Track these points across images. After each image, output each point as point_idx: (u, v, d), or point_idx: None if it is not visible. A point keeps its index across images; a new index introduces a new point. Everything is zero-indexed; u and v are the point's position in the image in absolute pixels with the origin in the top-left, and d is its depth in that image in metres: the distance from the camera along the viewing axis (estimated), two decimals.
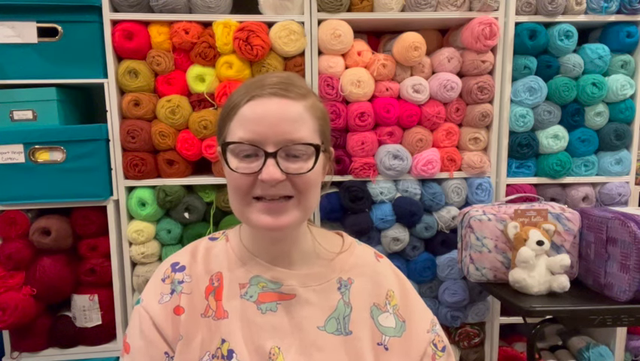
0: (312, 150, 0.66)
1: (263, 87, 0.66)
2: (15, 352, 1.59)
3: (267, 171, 0.63)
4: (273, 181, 0.64)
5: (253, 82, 0.68)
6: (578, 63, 1.60)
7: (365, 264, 0.79)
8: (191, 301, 0.71)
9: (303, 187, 0.66)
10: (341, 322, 0.72)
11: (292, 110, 0.65)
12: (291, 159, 0.65)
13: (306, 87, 0.69)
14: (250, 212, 0.67)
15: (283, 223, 0.66)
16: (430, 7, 1.56)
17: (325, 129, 0.71)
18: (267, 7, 1.53)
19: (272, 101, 0.65)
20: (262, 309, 0.70)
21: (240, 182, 0.66)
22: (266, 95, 0.65)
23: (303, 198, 0.67)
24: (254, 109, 0.65)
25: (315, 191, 0.70)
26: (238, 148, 0.65)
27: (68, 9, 1.47)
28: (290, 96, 0.66)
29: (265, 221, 0.66)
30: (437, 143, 1.66)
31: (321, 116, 0.70)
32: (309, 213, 0.70)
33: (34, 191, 1.50)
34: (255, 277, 0.72)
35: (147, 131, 1.53)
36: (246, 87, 0.68)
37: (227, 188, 0.70)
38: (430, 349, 0.74)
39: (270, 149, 0.64)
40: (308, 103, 0.68)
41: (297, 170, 0.65)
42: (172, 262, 0.75)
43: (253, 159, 0.65)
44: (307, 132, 0.66)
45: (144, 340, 0.69)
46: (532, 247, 1.33)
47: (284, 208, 0.66)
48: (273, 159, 0.64)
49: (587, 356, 1.75)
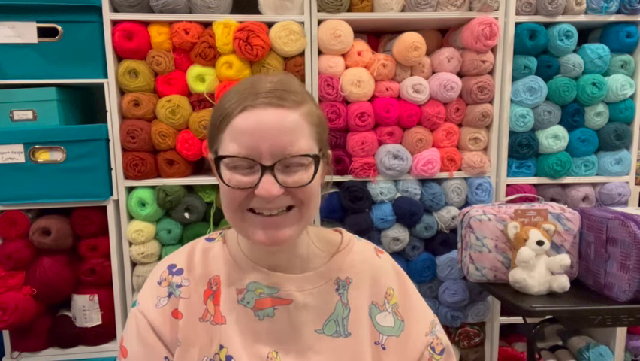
0: (311, 161, 0.63)
1: (256, 96, 0.61)
2: (15, 352, 1.59)
3: (263, 187, 0.60)
4: (270, 197, 0.60)
5: (245, 88, 0.63)
6: (578, 63, 1.60)
7: (364, 261, 0.77)
8: (189, 305, 0.69)
9: (304, 198, 0.64)
10: (340, 324, 0.71)
11: (288, 121, 0.61)
12: (289, 172, 0.62)
13: (301, 92, 0.65)
14: (246, 226, 0.65)
15: (281, 238, 0.64)
16: (430, 7, 1.56)
17: (322, 135, 0.68)
18: (267, 7, 1.53)
19: (267, 112, 0.60)
20: (259, 315, 0.69)
21: (234, 196, 0.63)
22: (260, 105, 0.61)
23: (304, 208, 0.65)
24: (247, 121, 0.60)
25: (317, 199, 0.67)
26: (232, 162, 0.62)
27: (68, 9, 1.47)
28: (285, 105, 0.61)
29: (262, 237, 0.64)
30: (437, 143, 1.66)
31: (317, 122, 0.66)
32: (309, 222, 0.68)
33: (34, 191, 1.50)
34: (252, 283, 0.71)
35: (147, 132, 1.53)
36: (238, 94, 0.63)
37: (221, 199, 0.67)
38: (427, 353, 0.74)
39: (266, 162, 0.60)
40: (304, 110, 0.64)
41: (296, 183, 0.62)
42: (168, 264, 0.74)
43: (248, 172, 0.62)
44: (305, 142, 0.62)
45: (142, 344, 0.68)
46: (532, 247, 1.33)
47: (282, 223, 0.63)
48: (270, 173, 0.60)
49: (587, 356, 1.75)
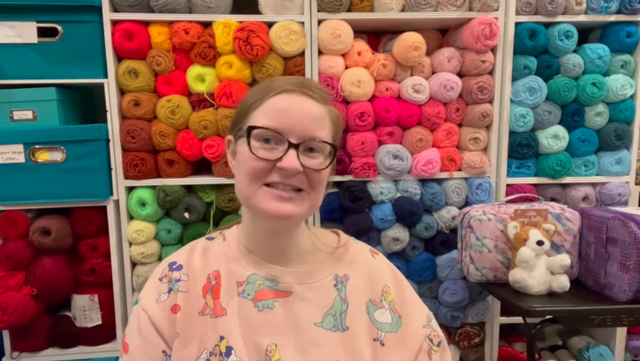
0: (330, 150, 0.70)
1: (291, 85, 0.69)
2: (15, 352, 1.59)
3: (288, 160, 0.66)
4: (293, 171, 0.66)
5: (275, 80, 0.72)
6: (578, 63, 1.60)
7: (361, 260, 0.80)
8: (188, 299, 0.71)
9: (315, 183, 0.69)
10: (338, 318, 0.73)
11: (316, 110, 0.69)
12: (310, 155, 0.68)
13: (326, 93, 0.74)
14: (258, 197, 0.68)
15: (288, 212, 0.67)
16: (430, 7, 1.56)
17: (338, 136, 0.75)
18: (267, 7, 1.53)
19: (299, 97, 0.69)
20: (259, 307, 0.71)
21: (257, 166, 0.67)
22: (295, 91, 0.69)
23: (312, 194, 0.70)
24: (281, 101, 0.68)
25: (322, 190, 0.73)
26: (262, 133, 0.67)
27: (68, 9, 1.47)
28: (314, 97, 0.70)
29: (272, 206, 0.67)
30: (437, 143, 1.66)
31: (336, 122, 0.74)
32: (313, 209, 0.72)
33: (34, 191, 1.50)
34: (252, 275, 0.73)
35: (147, 131, 1.53)
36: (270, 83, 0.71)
37: (237, 173, 0.72)
38: (425, 344, 0.75)
39: (293, 140, 0.67)
40: (328, 108, 0.72)
41: (314, 165, 0.68)
42: (169, 261, 0.76)
43: (274, 146, 0.67)
44: (326, 133, 0.70)
45: (142, 339, 0.70)
46: (532, 247, 1.33)
47: (293, 199, 0.68)
48: (295, 150, 0.66)
49: (587, 356, 1.75)
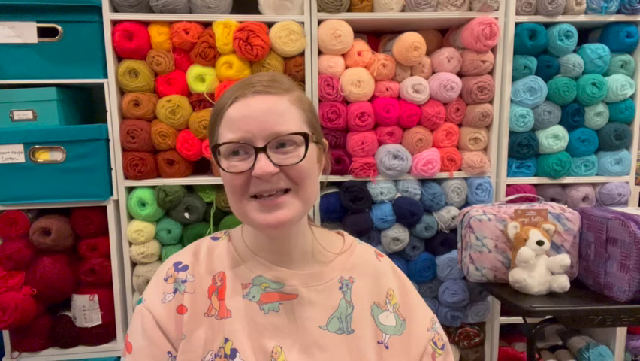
0: (302, 140, 0.67)
1: (246, 87, 0.67)
2: (15, 352, 1.59)
3: (259, 166, 0.64)
4: (266, 175, 0.64)
5: (237, 84, 0.69)
6: (578, 63, 1.60)
7: (366, 263, 0.79)
8: (194, 300, 0.71)
9: (299, 178, 0.67)
10: (343, 321, 0.72)
11: (277, 105, 0.66)
12: (282, 151, 0.66)
13: (289, 83, 0.70)
14: (249, 212, 0.67)
15: (281, 219, 0.66)
16: (430, 7, 1.56)
17: (313, 120, 0.72)
18: (267, 7, 1.53)
19: (256, 99, 0.66)
20: (265, 309, 0.70)
21: (234, 182, 0.66)
22: (249, 94, 0.66)
23: (300, 190, 0.67)
24: (238, 109, 0.66)
25: (312, 182, 0.70)
26: (228, 148, 0.66)
27: (68, 9, 1.47)
28: (273, 92, 0.67)
29: (264, 219, 0.66)
30: (437, 143, 1.66)
31: (307, 108, 0.71)
32: (308, 206, 0.70)
33: (34, 191, 1.50)
34: (258, 278, 0.72)
35: (147, 131, 1.53)
36: (231, 90, 0.69)
37: (225, 191, 0.70)
38: (429, 347, 0.75)
39: (259, 144, 0.64)
40: (292, 96, 0.68)
41: (290, 161, 0.65)
42: (174, 261, 0.75)
43: (244, 156, 0.66)
44: (294, 124, 0.67)
45: (147, 340, 0.69)
46: (532, 247, 1.33)
47: (281, 203, 0.66)
48: (264, 153, 0.64)
49: (587, 356, 1.75)
